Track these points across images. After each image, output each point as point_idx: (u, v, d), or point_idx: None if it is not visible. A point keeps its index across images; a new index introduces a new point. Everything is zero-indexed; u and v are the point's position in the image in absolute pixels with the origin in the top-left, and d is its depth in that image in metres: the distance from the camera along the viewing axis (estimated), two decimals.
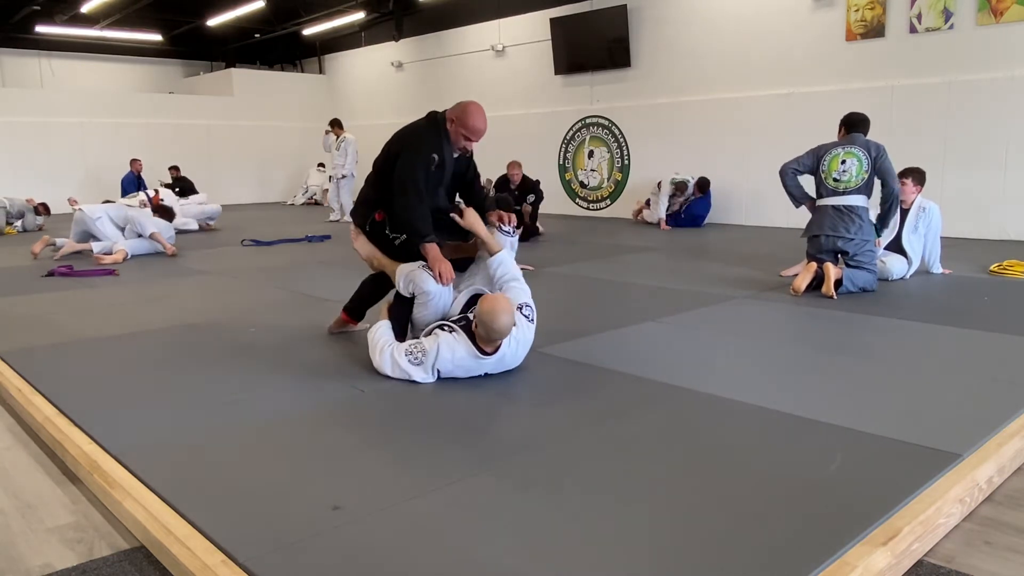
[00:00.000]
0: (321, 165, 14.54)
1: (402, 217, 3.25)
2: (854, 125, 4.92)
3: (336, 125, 10.78)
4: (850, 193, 4.76)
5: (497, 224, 3.35)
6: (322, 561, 1.67)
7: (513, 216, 3.43)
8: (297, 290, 5.16)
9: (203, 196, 10.99)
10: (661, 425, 2.50)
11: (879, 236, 4.92)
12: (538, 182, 8.46)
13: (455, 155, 3.32)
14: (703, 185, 8.93)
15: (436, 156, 3.22)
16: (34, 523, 2.06)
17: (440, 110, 3.32)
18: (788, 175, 4.95)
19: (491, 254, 3.21)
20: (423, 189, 3.20)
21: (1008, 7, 6.93)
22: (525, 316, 3.03)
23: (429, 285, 3.12)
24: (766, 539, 1.73)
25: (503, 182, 8.34)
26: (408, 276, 3.19)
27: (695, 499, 1.95)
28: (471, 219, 3.25)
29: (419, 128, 3.30)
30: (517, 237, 3.42)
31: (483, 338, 2.88)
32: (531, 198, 8.27)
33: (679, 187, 8.99)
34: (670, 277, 5.44)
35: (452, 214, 3.29)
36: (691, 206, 8.91)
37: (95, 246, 7.00)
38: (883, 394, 2.76)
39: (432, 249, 3.20)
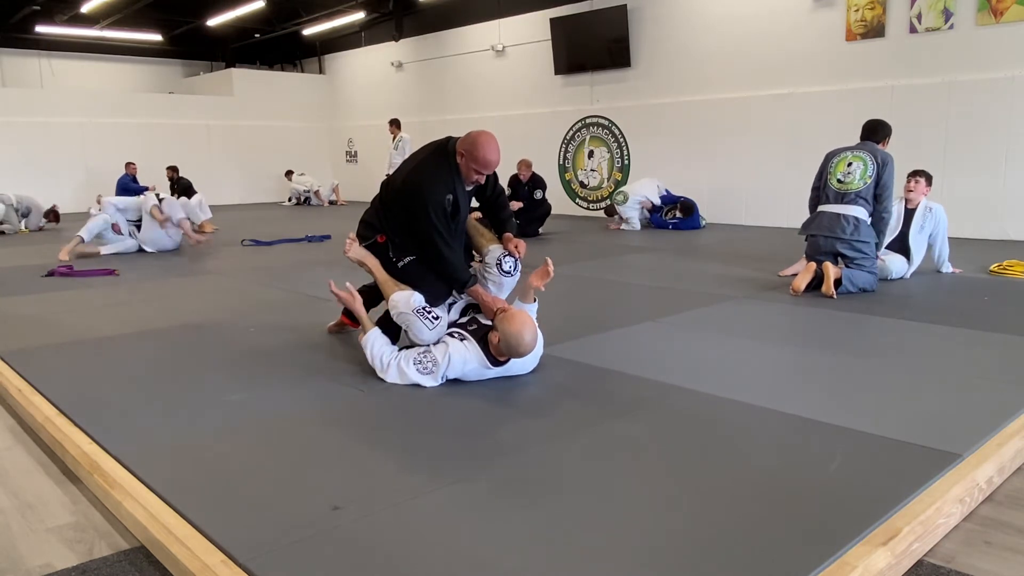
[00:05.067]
0: (290, 172, 14.48)
1: (439, 271, 3.17)
2: (867, 132, 4.98)
3: (394, 125, 10.99)
4: (851, 199, 4.74)
5: (500, 258, 3.21)
6: (322, 561, 1.67)
7: (524, 246, 3.28)
8: (297, 290, 5.16)
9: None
10: (661, 425, 2.50)
11: (878, 250, 4.88)
12: (546, 186, 8.54)
13: (468, 188, 3.21)
14: (688, 208, 8.83)
15: (451, 197, 3.09)
16: (34, 523, 2.06)
17: (452, 137, 3.19)
18: (813, 201, 5.05)
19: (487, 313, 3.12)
20: (448, 235, 3.13)
21: (1008, 7, 6.94)
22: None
23: (425, 335, 3.00)
24: (766, 539, 1.73)
25: (514, 180, 8.41)
26: (402, 318, 3.05)
27: (695, 499, 1.95)
28: (480, 295, 3.18)
29: (428, 168, 3.12)
30: (518, 277, 3.28)
31: (502, 352, 2.87)
32: (539, 194, 8.33)
33: (608, 210, 9.03)
34: (670, 277, 5.44)
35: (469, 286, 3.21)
36: (678, 223, 8.85)
37: (105, 248, 7.12)
38: (883, 394, 2.76)
39: (477, 292, 3.16)
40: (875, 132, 4.95)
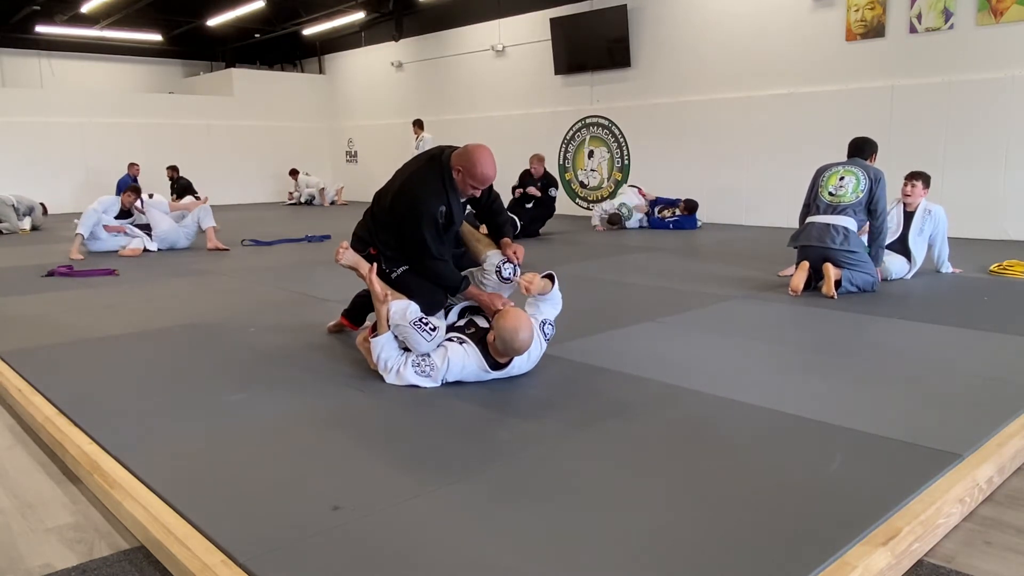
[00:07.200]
0: (295, 171, 14.52)
1: (432, 280, 3.20)
2: (854, 150, 4.97)
3: (418, 125, 11.12)
4: (843, 210, 4.72)
5: (499, 265, 3.24)
6: (322, 561, 1.67)
7: (522, 251, 3.31)
8: (297, 290, 5.16)
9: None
10: (660, 425, 2.50)
11: (877, 264, 4.86)
12: (558, 185, 8.58)
13: (463, 199, 3.20)
14: (691, 207, 8.88)
15: (444, 208, 3.10)
16: (34, 523, 2.06)
17: (446, 148, 3.18)
18: (803, 217, 5.01)
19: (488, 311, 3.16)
20: (439, 248, 3.15)
21: (1008, 7, 6.94)
22: (544, 333, 3.00)
23: (423, 347, 2.96)
24: (766, 539, 1.73)
25: (525, 175, 8.41)
26: (399, 330, 2.99)
27: (694, 499, 1.95)
28: (478, 295, 3.23)
29: (422, 180, 3.12)
30: (517, 280, 3.27)
31: (499, 352, 2.86)
32: (552, 191, 8.33)
33: (612, 219, 9.00)
34: (670, 277, 5.44)
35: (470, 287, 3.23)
36: (679, 221, 8.87)
37: (151, 244, 7.37)
38: (883, 394, 2.76)
39: (475, 293, 3.19)
40: (862, 150, 4.95)
